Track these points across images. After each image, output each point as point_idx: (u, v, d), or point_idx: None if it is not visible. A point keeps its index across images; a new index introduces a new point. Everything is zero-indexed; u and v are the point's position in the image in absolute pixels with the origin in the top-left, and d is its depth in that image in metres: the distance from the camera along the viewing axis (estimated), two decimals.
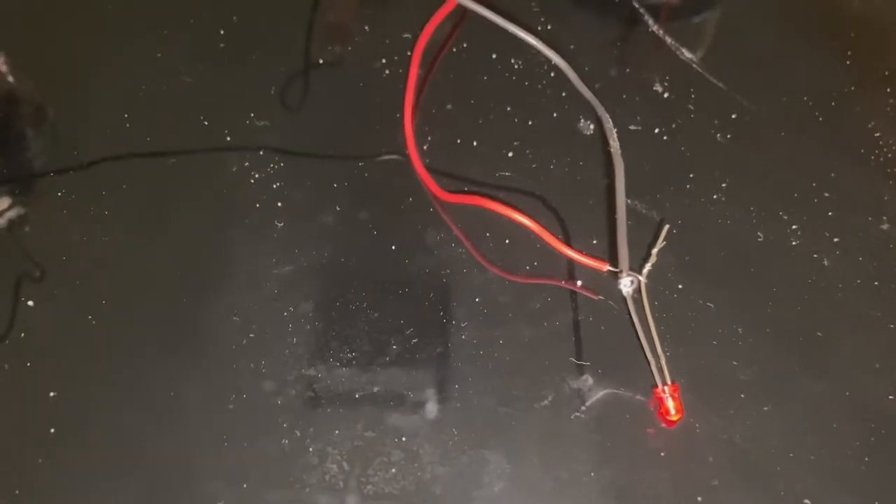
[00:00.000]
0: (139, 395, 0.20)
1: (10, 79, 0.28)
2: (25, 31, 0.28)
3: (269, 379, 0.21)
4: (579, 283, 0.22)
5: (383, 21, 0.27)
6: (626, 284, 0.20)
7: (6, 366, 0.20)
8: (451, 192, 0.23)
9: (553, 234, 0.22)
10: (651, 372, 0.20)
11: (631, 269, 0.21)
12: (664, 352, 0.20)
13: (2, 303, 0.21)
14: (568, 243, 0.22)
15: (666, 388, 0.20)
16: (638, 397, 0.21)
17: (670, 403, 0.20)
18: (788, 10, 0.28)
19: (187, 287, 0.22)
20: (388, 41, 0.27)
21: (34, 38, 0.27)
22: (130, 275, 0.22)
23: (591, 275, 0.22)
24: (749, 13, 0.28)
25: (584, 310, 0.22)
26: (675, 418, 0.20)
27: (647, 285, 0.21)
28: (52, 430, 0.20)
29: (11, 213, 0.24)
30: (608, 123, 0.20)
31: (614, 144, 0.20)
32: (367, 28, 0.27)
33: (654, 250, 0.21)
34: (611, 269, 0.21)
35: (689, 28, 0.27)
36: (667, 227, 0.22)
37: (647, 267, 0.21)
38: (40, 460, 0.20)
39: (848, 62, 0.26)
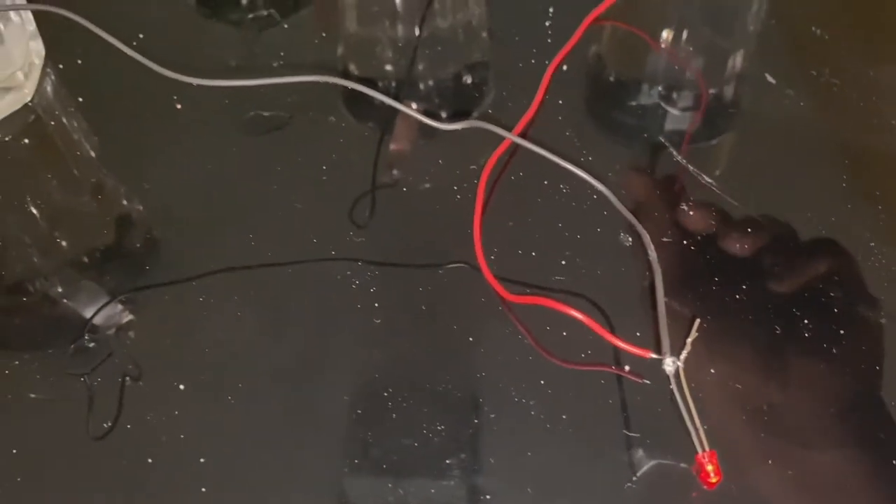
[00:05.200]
0: (264, 454, 0.25)
1: (124, 202, 0.34)
2: (135, 157, 0.33)
3: (374, 447, 0.25)
4: (627, 368, 0.27)
5: (453, 155, 0.33)
6: (668, 365, 0.24)
7: (163, 438, 0.25)
8: (514, 294, 0.28)
9: (603, 328, 0.26)
10: (692, 442, 0.24)
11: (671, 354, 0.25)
12: (702, 424, 0.24)
13: (156, 386, 0.26)
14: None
15: (705, 454, 0.24)
16: (681, 465, 0.25)
17: (710, 468, 0.24)
18: (789, 140, 0.33)
19: (303, 369, 0.27)
20: (457, 171, 0.32)
21: (149, 165, 0.33)
22: (258, 362, 0.27)
23: (635, 362, 0.26)
24: (756, 144, 0.33)
25: (630, 391, 0.26)
26: (714, 480, 0.24)
27: (684, 369, 0.25)
28: (203, 490, 0.24)
29: (126, 320, 0.29)
30: (646, 237, 0.25)
31: (652, 254, 0.25)
32: (440, 161, 0.33)
33: (689, 340, 0.26)
34: (653, 355, 0.25)
35: (708, 156, 0.33)
36: (698, 321, 0.26)
37: (684, 354, 0.25)
38: None
39: (844, 184, 0.31)
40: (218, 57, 0.37)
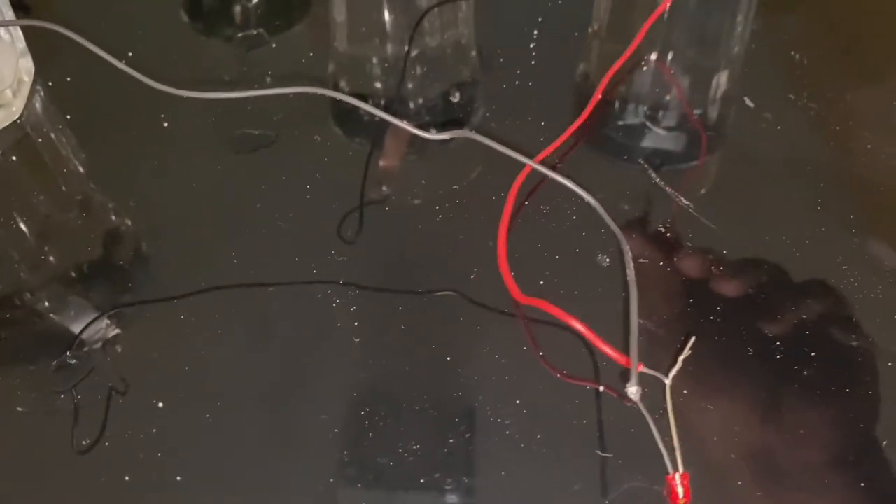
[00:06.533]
0: (242, 473, 0.25)
1: (112, 218, 0.34)
2: (123, 173, 0.34)
3: (350, 466, 0.25)
4: (601, 388, 0.27)
5: (440, 173, 0.33)
6: (633, 393, 0.24)
7: (141, 455, 0.25)
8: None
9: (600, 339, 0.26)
10: (665, 463, 0.25)
11: (659, 372, 0.26)
12: (679, 445, 0.25)
13: (135, 403, 0.26)
14: (593, 354, 0.27)
15: (677, 476, 0.24)
16: (654, 487, 0.25)
17: (680, 490, 0.24)
18: (765, 163, 0.34)
19: (282, 389, 0.27)
20: (440, 191, 0.33)
21: (137, 181, 0.34)
22: (237, 381, 0.27)
23: (615, 382, 0.27)
24: (733, 166, 0.34)
25: (607, 411, 0.27)
26: (682, 502, 0.24)
27: (670, 387, 0.26)
28: None
29: (109, 336, 0.29)
30: (627, 255, 0.26)
31: (630, 273, 0.25)
32: (423, 181, 0.33)
33: (681, 357, 0.26)
34: (645, 369, 0.25)
35: (685, 178, 0.33)
36: (693, 338, 0.27)
37: (673, 371, 0.26)
38: None
39: (818, 207, 0.32)
40: (207, 73, 0.38)
